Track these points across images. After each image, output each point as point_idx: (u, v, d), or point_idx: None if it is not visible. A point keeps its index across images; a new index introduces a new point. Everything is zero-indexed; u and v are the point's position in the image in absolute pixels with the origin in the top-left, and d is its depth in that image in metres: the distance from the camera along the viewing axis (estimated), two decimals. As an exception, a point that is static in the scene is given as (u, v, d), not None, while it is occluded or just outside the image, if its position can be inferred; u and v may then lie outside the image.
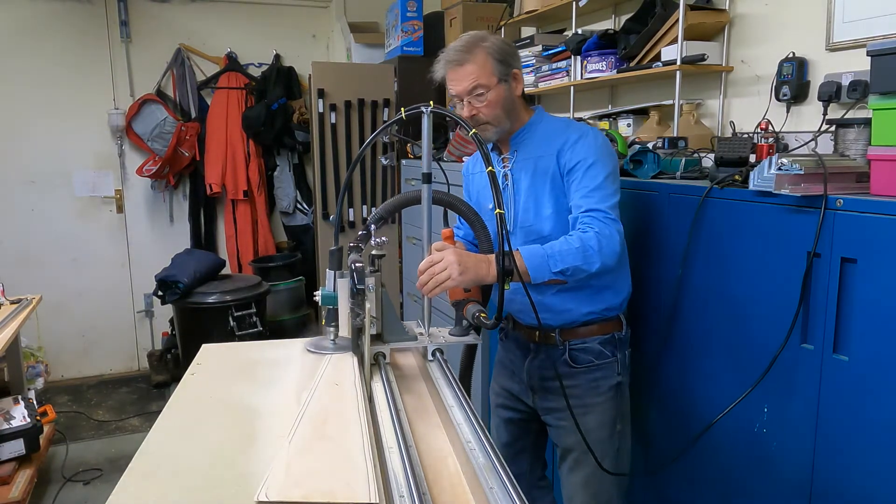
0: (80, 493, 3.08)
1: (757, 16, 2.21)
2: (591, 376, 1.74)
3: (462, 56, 1.63)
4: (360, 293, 1.38)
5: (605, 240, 1.53)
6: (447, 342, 1.57)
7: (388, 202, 1.64)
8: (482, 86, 1.63)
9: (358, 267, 1.38)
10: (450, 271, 1.44)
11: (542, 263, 1.50)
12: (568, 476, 1.81)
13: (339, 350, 1.50)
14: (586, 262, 1.51)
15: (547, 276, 1.50)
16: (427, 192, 1.51)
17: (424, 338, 1.56)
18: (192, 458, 1.09)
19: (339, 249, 1.49)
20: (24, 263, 4.34)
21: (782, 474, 1.57)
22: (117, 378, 4.66)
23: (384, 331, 1.50)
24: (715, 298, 1.73)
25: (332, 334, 1.53)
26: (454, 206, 1.63)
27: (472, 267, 1.46)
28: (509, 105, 1.68)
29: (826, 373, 1.45)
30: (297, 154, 4.78)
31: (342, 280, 1.45)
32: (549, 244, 1.53)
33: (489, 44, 1.64)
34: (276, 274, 4.36)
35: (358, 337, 1.44)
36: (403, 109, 1.50)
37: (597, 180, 1.59)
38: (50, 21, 4.26)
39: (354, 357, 1.45)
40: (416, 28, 3.84)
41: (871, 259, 1.34)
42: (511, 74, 1.67)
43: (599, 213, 1.57)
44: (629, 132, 2.56)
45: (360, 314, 1.38)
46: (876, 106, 1.41)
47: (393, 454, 1.10)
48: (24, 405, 2.83)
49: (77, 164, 4.45)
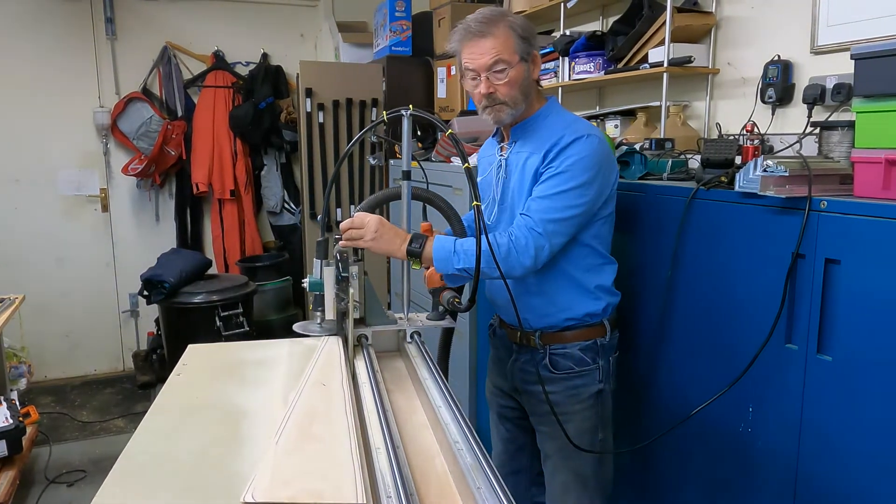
0: (64, 494, 3.04)
1: (743, 19, 2.23)
2: (570, 383, 1.70)
3: (484, 28, 1.54)
4: (344, 280, 1.52)
5: (517, 251, 1.51)
6: (424, 325, 1.67)
7: (371, 197, 1.75)
8: (504, 61, 1.54)
9: (343, 256, 1.52)
10: (364, 232, 1.54)
11: (448, 257, 1.54)
12: (549, 481, 1.79)
13: (325, 332, 1.60)
14: (489, 268, 1.48)
15: (451, 270, 1.54)
16: (406, 188, 1.62)
17: (404, 321, 1.66)
18: (177, 460, 1.09)
19: (325, 240, 1.58)
20: (8, 263, 4.28)
21: (767, 473, 1.58)
22: (102, 379, 4.62)
23: (367, 315, 1.60)
24: (701, 299, 1.74)
25: (318, 318, 1.62)
26: (432, 201, 1.72)
27: (386, 238, 1.55)
28: (526, 87, 1.61)
29: (810, 373, 1.46)
30: (284, 153, 4.76)
31: (328, 268, 1.54)
32: (463, 239, 1.57)
33: (512, 20, 1.58)
34: (264, 274, 4.34)
35: (342, 320, 1.55)
36: (385, 112, 1.57)
37: (553, 189, 1.54)
38: (34, 18, 4.21)
39: (339, 338, 1.53)
40: (405, 28, 3.83)
41: (855, 260, 1.36)
42: (531, 55, 1.61)
43: (530, 221, 1.54)
44: (616, 133, 2.57)
45: (345, 299, 1.50)
46: (859, 109, 1.43)
47: (380, 454, 1.10)
48: (6, 406, 2.80)
49: (62, 163, 4.41)
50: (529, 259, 1.52)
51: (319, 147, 4.02)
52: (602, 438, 1.75)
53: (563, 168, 1.54)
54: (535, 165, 1.60)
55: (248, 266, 4.42)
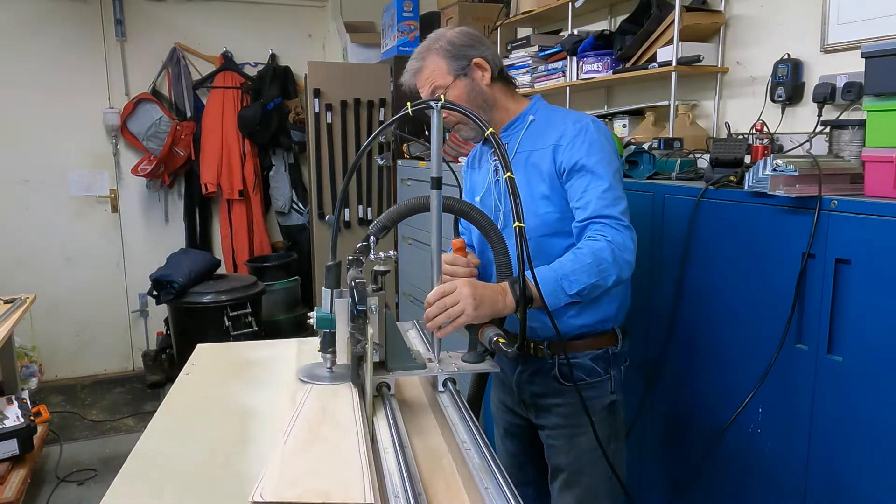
0: (74, 493, 3.06)
1: (752, 17, 2.22)
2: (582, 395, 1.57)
3: (417, 64, 1.60)
4: (360, 315, 1.21)
5: (619, 249, 1.40)
6: (460, 370, 1.37)
7: (392, 210, 1.43)
8: (439, 87, 1.56)
9: (358, 284, 1.21)
10: (463, 305, 1.29)
11: (556, 288, 1.36)
12: (558, 496, 1.70)
13: (336, 380, 1.37)
14: (602, 278, 1.37)
15: (563, 301, 1.37)
16: (437, 199, 1.32)
17: (434, 365, 1.37)
18: (186, 459, 1.09)
19: (336, 265, 1.33)
20: (18, 263, 4.32)
21: (777, 475, 1.57)
22: (112, 378, 4.64)
23: (388, 358, 1.31)
24: (710, 299, 1.73)
25: (328, 361, 1.38)
26: (467, 214, 1.45)
27: (488, 300, 1.31)
28: (477, 97, 1.58)
29: (820, 373, 1.45)
30: (292, 154, 4.78)
31: (340, 300, 1.28)
32: (557, 262, 1.39)
33: (441, 43, 1.58)
34: (272, 274, 4.36)
35: (358, 366, 1.28)
36: (409, 104, 1.34)
37: (603, 183, 1.46)
38: (45, 20, 4.24)
39: (354, 389, 1.31)
40: (413, 28, 3.83)
41: (866, 260, 1.34)
42: (471, 66, 1.58)
43: (611, 219, 1.44)
44: (625, 133, 2.56)
45: (362, 340, 1.21)
46: (870, 107, 1.42)
47: (388, 454, 1.10)
48: (17, 405, 2.82)
49: (72, 164, 4.44)
50: (631, 254, 1.43)
51: (327, 147, 4.03)
52: (614, 450, 1.67)
53: (596, 158, 1.48)
54: (545, 164, 1.54)
55: (256, 266, 4.44)
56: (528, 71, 3.01)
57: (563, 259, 1.40)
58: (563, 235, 1.53)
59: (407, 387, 1.43)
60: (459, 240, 1.51)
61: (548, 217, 1.55)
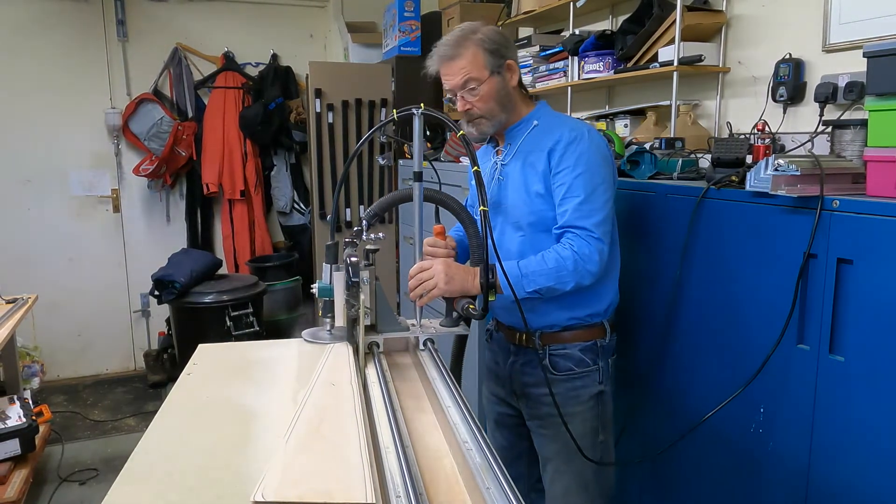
0: (76, 493, 3.07)
1: (754, 17, 2.22)
2: (570, 384, 1.70)
3: (453, 51, 1.62)
4: (354, 286, 1.46)
5: (583, 260, 1.54)
6: (437, 332, 1.62)
7: (382, 199, 1.68)
8: (474, 79, 1.61)
9: (353, 261, 1.46)
10: (437, 280, 1.52)
11: (517, 283, 1.53)
12: (549, 487, 1.77)
13: (335, 340, 1.56)
14: (559, 283, 1.54)
15: (521, 295, 1.53)
16: (418, 189, 1.58)
17: (416, 328, 1.61)
18: (188, 459, 1.09)
19: (335, 244, 1.55)
20: (20, 263, 4.32)
21: (778, 474, 1.57)
22: (113, 378, 4.65)
23: (378, 321, 1.55)
24: (712, 299, 1.73)
25: (328, 325, 1.59)
26: (445, 203, 1.67)
27: (458, 278, 1.53)
28: (504, 97, 1.65)
29: (822, 373, 1.45)
30: (294, 154, 4.78)
31: (338, 273, 1.51)
32: (525, 261, 1.56)
33: (480, 36, 1.61)
34: (273, 274, 4.36)
35: (353, 327, 1.50)
36: (395, 111, 1.54)
37: (585, 192, 1.56)
38: (47, 20, 4.24)
39: (349, 346, 1.50)
40: (414, 28, 3.83)
41: (867, 260, 1.34)
42: (505, 66, 1.64)
43: (583, 231, 1.56)
44: (626, 133, 2.56)
45: (355, 305, 1.44)
46: (872, 107, 1.42)
47: (389, 454, 1.10)
48: (19, 405, 2.83)
49: (73, 164, 4.44)
50: (595, 265, 1.56)
51: (329, 147, 4.03)
52: (603, 441, 1.74)
53: (583, 168, 1.57)
54: (540, 165, 1.63)
55: (257, 266, 4.44)
56: (529, 71, 3.01)
57: (532, 259, 1.56)
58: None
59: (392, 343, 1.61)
60: (440, 225, 1.67)
61: (542, 214, 1.64)
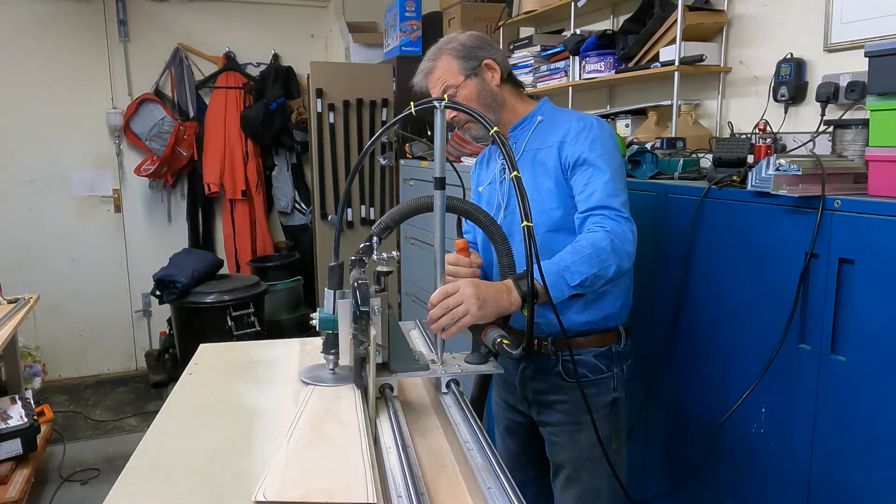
0: (78, 492, 3.07)
1: (755, 17, 2.22)
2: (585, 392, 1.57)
3: (429, 64, 1.65)
4: (363, 316, 1.21)
5: (618, 239, 1.40)
6: (463, 372, 1.35)
7: (395, 210, 1.39)
8: (450, 86, 1.61)
9: (361, 285, 1.20)
10: (467, 306, 1.27)
11: (559, 280, 1.34)
12: (560, 495, 1.71)
13: (338, 381, 1.36)
14: (602, 268, 1.37)
15: (567, 293, 1.36)
16: (440, 199, 1.31)
17: (437, 367, 1.35)
18: (189, 458, 1.09)
19: (339, 265, 1.32)
20: (22, 263, 4.32)
21: (780, 474, 1.57)
22: (115, 378, 4.65)
23: (391, 359, 1.30)
24: (713, 299, 1.73)
25: (330, 363, 1.38)
26: (471, 214, 1.41)
27: (491, 299, 1.29)
28: (487, 97, 1.63)
29: (824, 373, 1.45)
30: (295, 154, 4.78)
31: (343, 301, 1.27)
32: (557, 257, 1.39)
33: (453, 45, 1.64)
34: (275, 274, 4.36)
35: (361, 368, 1.27)
36: (413, 104, 1.34)
37: (603, 176, 1.49)
38: (48, 20, 4.25)
39: (357, 390, 1.30)
40: (415, 28, 3.83)
41: (869, 260, 1.34)
42: (482, 66, 1.62)
43: (609, 210, 1.45)
44: (627, 132, 2.56)
45: (364, 341, 1.21)
46: (874, 107, 1.42)
47: (391, 454, 1.10)
48: (21, 405, 2.83)
49: (75, 164, 4.44)
50: (630, 244, 1.43)
51: (330, 147, 4.03)
52: (616, 449, 1.68)
53: (597, 153, 1.51)
54: (551, 161, 1.57)
55: (259, 266, 4.44)
56: (530, 71, 3.01)
57: (563, 253, 1.40)
58: (568, 232, 1.55)
59: (410, 389, 1.41)
60: (462, 240, 1.50)
61: (553, 213, 1.57)
